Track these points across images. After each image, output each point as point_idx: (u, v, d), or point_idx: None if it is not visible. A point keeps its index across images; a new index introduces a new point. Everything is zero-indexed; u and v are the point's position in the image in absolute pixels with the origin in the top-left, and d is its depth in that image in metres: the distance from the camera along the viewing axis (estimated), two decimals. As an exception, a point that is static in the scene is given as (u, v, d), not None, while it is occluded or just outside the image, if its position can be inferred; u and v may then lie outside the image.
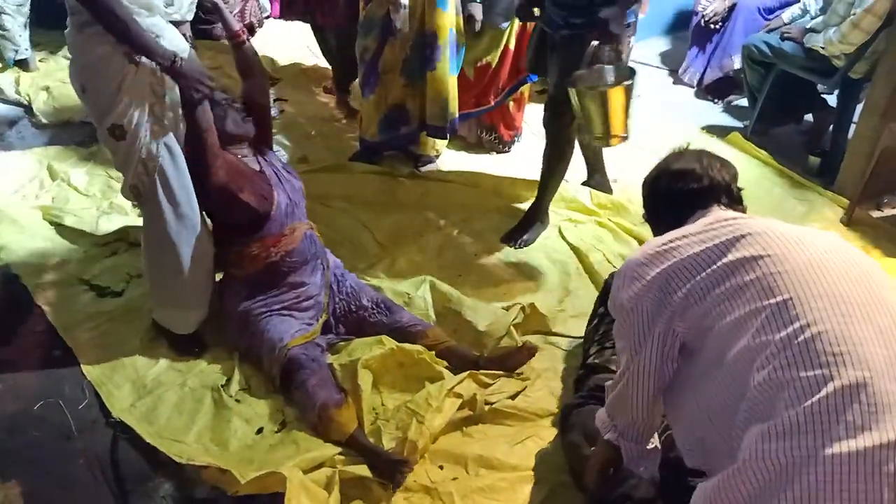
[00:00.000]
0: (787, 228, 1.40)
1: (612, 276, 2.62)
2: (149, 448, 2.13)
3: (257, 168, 2.47)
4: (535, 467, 2.09)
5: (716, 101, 4.65)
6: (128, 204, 3.29)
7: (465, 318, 2.63)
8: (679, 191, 1.57)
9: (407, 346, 2.40)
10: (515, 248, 3.11)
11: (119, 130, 2.14)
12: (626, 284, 1.49)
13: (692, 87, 4.78)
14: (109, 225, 3.11)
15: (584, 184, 3.52)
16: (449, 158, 3.79)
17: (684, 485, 1.68)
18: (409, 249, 3.10)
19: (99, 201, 3.33)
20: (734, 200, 1.58)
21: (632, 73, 2.65)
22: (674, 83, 4.92)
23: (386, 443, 2.13)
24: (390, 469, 2.04)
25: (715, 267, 1.35)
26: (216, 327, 2.56)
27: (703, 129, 4.26)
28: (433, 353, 2.41)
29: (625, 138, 2.70)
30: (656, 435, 1.70)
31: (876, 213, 3.43)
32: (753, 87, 4.11)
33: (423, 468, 2.08)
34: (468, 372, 2.32)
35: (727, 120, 4.45)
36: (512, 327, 2.55)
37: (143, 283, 2.81)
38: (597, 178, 3.51)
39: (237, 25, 2.53)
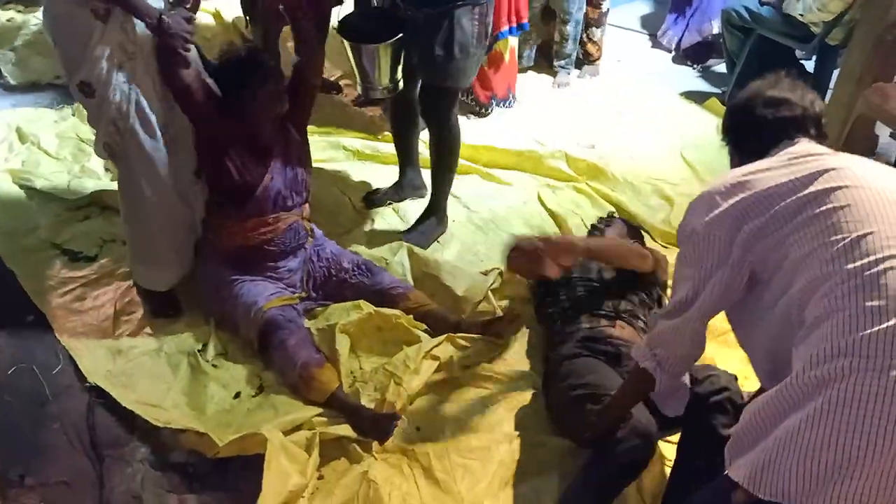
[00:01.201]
0: (871, 165, 1.39)
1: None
2: (124, 413, 2.12)
3: (265, 143, 2.38)
4: (511, 428, 2.10)
5: (694, 65, 4.65)
6: (100, 168, 3.24)
7: (443, 282, 2.63)
8: (771, 118, 1.53)
9: (384, 310, 2.39)
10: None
11: (87, 88, 2.10)
12: (702, 212, 1.46)
13: (670, 51, 4.76)
14: (81, 189, 3.06)
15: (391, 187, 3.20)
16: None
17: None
18: (387, 214, 3.09)
19: (70, 165, 3.27)
20: (821, 134, 1.55)
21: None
22: (652, 47, 4.91)
23: (364, 404, 2.14)
24: (377, 425, 2.05)
25: (794, 198, 1.34)
26: (192, 292, 2.54)
27: (681, 94, 4.26)
28: (412, 316, 2.42)
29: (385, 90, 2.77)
30: (687, 374, 1.68)
31: (850, 179, 3.46)
32: (732, 52, 4.10)
33: (400, 429, 2.09)
34: (446, 335, 2.33)
35: (705, 86, 4.45)
36: (489, 292, 2.56)
37: (116, 248, 2.78)
38: (409, 173, 3.19)
39: None
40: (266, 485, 1.83)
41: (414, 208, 3.13)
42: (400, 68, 2.72)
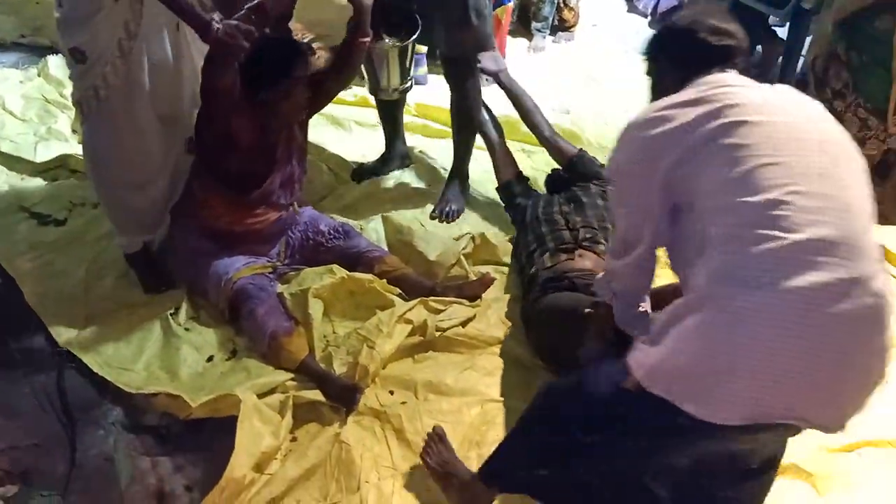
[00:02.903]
0: (781, 98, 1.46)
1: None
2: (96, 376, 2.12)
3: (272, 142, 2.32)
4: (482, 392, 2.13)
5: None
6: (67, 129, 3.19)
7: (416, 248, 2.64)
8: (716, 44, 1.57)
9: (357, 274, 2.40)
10: (446, 223, 2.86)
11: (80, 55, 2.06)
12: (625, 148, 1.53)
13: (646, 15, 4.75)
14: (48, 151, 3.01)
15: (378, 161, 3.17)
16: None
17: None
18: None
19: (36, 126, 3.21)
20: (747, 69, 1.61)
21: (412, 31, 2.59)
22: (628, 11, 4.89)
23: (337, 368, 2.15)
24: (343, 394, 2.07)
25: (704, 130, 1.40)
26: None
27: (656, 59, 4.26)
28: (385, 280, 2.42)
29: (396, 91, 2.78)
30: (648, 298, 1.75)
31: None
32: (707, 17, 4.10)
33: (373, 392, 2.11)
34: (419, 299, 2.34)
35: (680, 51, 4.45)
36: (462, 256, 2.57)
37: (86, 212, 2.75)
38: (398, 145, 3.17)
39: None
40: (239, 446, 1.84)
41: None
42: (411, 68, 2.69)
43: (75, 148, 3.05)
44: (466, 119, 2.86)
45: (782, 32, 4.05)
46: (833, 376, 1.26)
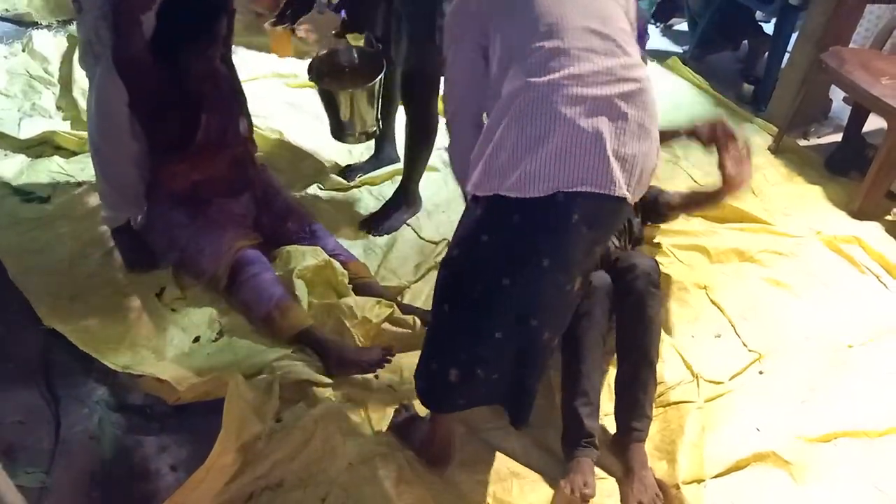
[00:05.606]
0: None
1: None
2: (81, 354, 2.10)
3: (197, 87, 2.27)
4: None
5: (657, 24, 4.67)
6: (51, 106, 3.15)
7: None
8: None
9: (336, 263, 2.40)
10: (375, 236, 2.77)
11: (76, 4, 2.11)
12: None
13: (635, 8, 4.77)
14: (32, 127, 2.98)
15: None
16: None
17: None
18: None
19: (21, 102, 3.17)
20: None
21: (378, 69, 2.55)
22: None
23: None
24: (359, 358, 2.09)
25: None
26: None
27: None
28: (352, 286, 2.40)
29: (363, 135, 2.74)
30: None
31: (802, 142, 3.54)
32: (695, 11, 4.13)
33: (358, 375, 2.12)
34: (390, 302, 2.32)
35: (667, 44, 4.49)
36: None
37: (70, 189, 2.73)
38: (385, 148, 3.14)
39: None
40: (225, 427, 1.84)
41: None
42: (377, 109, 2.65)
43: (59, 125, 3.03)
44: (422, 139, 2.71)
45: (768, 28, 4.09)
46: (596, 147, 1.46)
